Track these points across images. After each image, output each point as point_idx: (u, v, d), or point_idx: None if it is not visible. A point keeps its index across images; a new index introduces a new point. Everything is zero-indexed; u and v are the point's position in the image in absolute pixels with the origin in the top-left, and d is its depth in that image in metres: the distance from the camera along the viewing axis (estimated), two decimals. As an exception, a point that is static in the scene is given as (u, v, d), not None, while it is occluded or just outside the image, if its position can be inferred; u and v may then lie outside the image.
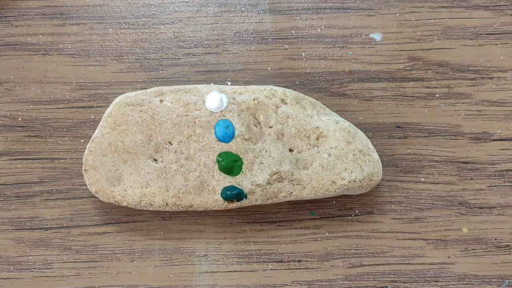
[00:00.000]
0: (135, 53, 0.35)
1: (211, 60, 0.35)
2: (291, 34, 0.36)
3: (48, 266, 0.33)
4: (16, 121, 0.34)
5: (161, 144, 0.31)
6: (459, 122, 0.35)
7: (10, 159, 0.34)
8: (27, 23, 0.35)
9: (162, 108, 0.31)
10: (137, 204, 0.31)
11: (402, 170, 0.34)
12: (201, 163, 0.31)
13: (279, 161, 0.31)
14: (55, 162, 0.34)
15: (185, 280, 0.33)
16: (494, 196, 0.34)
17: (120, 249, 0.33)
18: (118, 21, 0.36)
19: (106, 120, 0.31)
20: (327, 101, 0.35)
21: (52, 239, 0.33)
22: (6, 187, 0.34)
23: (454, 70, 0.35)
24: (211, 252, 0.33)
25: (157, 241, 0.33)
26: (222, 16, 0.36)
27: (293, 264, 0.33)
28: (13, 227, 0.33)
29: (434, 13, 0.36)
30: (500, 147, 0.34)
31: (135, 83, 0.35)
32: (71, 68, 0.35)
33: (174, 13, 0.36)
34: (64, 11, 0.36)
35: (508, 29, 0.36)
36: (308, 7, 0.36)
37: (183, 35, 0.36)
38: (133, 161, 0.31)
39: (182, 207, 0.31)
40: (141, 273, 0.33)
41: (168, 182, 0.31)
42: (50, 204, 0.34)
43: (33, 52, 0.35)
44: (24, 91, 0.35)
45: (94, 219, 0.34)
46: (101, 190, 0.31)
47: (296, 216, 0.34)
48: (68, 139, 0.34)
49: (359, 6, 0.36)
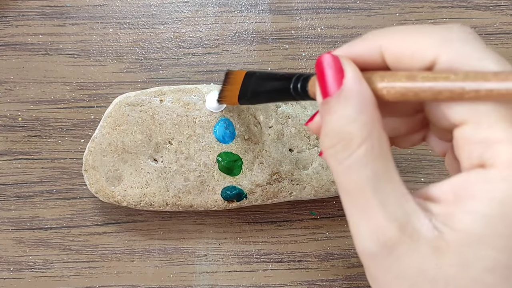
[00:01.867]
0: (135, 53, 0.35)
1: (211, 60, 0.35)
2: (291, 34, 0.36)
3: (48, 266, 0.33)
4: (16, 121, 0.34)
5: (161, 144, 0.31)
6: (459, 122, 0.35)
7: (10, 159, 0.34)
8: (27, 23, 0.35)
9: (162, 108, 0.31)
10: (137, 204, 0.31)
11: (402, 170, 0.34)
12: (201, 163, 0.31)
13: (279, 161, 0.31)
14: (55, 162, 0.34)
15: (185, 280, 0.33)
16: (494, 196, 0.34)
17: (120, 249, 0.33)
18: (118, 21, 0.36)
19: (106, 120, 0.31)
20: (327, 101, 0.35)
21: (52, 239, 0.33)
22: (6, 187, 0.34)
23: (454, 70, 0.35)
24: (211, 252, 0.33)
25: (157, 241, 0.33)
26: (222, 16, 0.36)
27: (293, 264, 0.33)
28: (13, 227, 0.33)
29: (434, 13, 0.36)
30: (500, 147, 0.34)
31: (135, 83, 0.35)
32: (71, 68, 0.35)
33: (174, 13, 0.36)
34: (64, 11, 0.36)
35: (508, 29, 0.36)
36: (308, 7, 0.36)
37: (183, 35, 0.36)
38: (133, 161, 0.31)
39: (182, 207, 0.31)
40: (141, 273, 0.33)
41: (168, 182, 0.31)
42: (50, 204, 0.34)
43: (33, 52, 0.35)
44: (24, 91, 0.35)
45: (94, 219, 0.34)
46: (101, 190, 0.31)
47: (296, 216, 0.34)
48: (68, 139, 0.34)
49: (359, 6, 0.36)
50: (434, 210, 0.17)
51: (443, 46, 0.17)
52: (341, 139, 0.17)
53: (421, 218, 0.17)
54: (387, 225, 0.17)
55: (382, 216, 0.17)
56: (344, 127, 0.17)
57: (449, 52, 0.17)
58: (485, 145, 0.16)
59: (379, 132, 0.17)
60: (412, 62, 0.17)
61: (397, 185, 0.17)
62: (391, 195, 0.17)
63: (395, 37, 0.18)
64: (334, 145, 0.18)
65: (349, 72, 0.18)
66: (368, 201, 0.17)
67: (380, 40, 0.18)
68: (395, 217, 0.17)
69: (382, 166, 0.17)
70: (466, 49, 0.17)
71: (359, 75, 0.18)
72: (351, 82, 0.18)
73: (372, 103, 0.18)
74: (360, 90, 0.18)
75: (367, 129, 0.17)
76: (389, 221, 0.17)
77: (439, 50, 0.17)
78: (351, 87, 0.18)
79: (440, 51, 0.17)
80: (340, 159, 0.17)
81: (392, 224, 0.17)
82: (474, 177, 0.16)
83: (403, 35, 0.18)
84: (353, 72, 0.18)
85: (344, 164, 0.17)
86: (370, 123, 0.17)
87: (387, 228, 0.17)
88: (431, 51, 0.17)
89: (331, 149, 0.18)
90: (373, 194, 0.17)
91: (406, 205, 0.17)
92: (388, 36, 0.18)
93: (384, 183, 0.17)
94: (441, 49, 0.17)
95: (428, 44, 0.17)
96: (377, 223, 0.17)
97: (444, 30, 0.17)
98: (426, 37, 0.17)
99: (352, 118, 0.17)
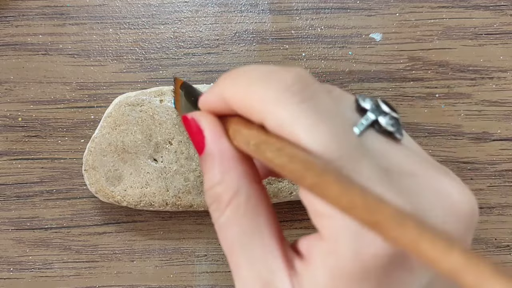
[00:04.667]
0: (135, 53, 0.35)
1: (211, 60, 0.35)
2: (291, 34, 0.36)
3: (48, 266, 0.33)
4: (16, 121, 0.34)
5: (161, 144, 0.31)
6: (459, 122, 0.35)
7: (10, 159, 0.34)
8: (27, 23, 0.35)
9: (162, 108, 0.31)
10: (137, 204, 0.31)
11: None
12: (201, 163, 0.31)
13: (279, 161, 0.31)
14: (55, 162, 0.34)
15: (185, 280, 0.33)
16: (494, 196, 0.34)
17: (120, 249, 0.33)
18: (118, 21, 0.36)
19: (106, 120, 0.31)
20: (327, 101, 0.35)
21: (52, 239, 0.33)
22: (6, 187, 0.34)
23: (454, 70, 0.35)
24: (211, 252, 0.33)
25: (157, 241, 0.33)
26: (222, 16, 0.36)
27: (293, 264, 0.33)
28: (13, 227, 0.33)
29: (434, 13, 0.36)
30: (500, 147, 0.34)
31: (135, 83, 0.35)
32: (71, 68, 0.35)
33: (174, 13, 0.36)
34: (64, 11, 0.36)
35: (508, 29, 0.36)
36: (308, 7, 0.36)
37: (183, 35, 0.36)
38: (133, 161, 0.31)
39: (182, 207, 0.31)
40: (141, 273, 0.33)
41: (168, 182, 0.31)
42: (50, 204, 0.34)
43: (33, 52, 0.35)
44: (24, 91, 0.35)
45: (94, 219, 0.34)
46: (101, 190, 0.31)
47: (296, 216, 0.34)
48: (68, 139, 0.34)
49: (359, 6, 0.36)
50: (297, 266, 0.17)
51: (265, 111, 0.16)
52: (213, 200, 0.18)
53: (283, 277, 0.17)
54: (252, 283, 0.17)
55: (248, 273, 0.17)
56: (213, 189, 0.18)
57: (271, 118, 0.16)
58: (318, 214, 0.16)
59: (246, 188, 0.18)
60: (251, 119, 0.17)
61: (266, 241, 0.17)
62: (258, 252, 0.17)
63: (234, 92, 0.17)
64: (210, 204, 0.18)
65: (207, 133, 0.18)
66: (238, 258, 0.17)
67: (225, 92, 0.18)
68: (260, 275, 0.17)
69: (250, 224, 0.17)
70: (282, 114, 0.16)
71: (217, 134, 0.18)
72: (209, 143, 0.18)
73: (234, 159, 0.18)
74: (220, 149, 0.18)
75: (232, 189, 0.17)
76: (253, 279, 0.17)
77: (263, 114, 0.16)
78: (211, 149, 0.18)
79: (264, 115, 0.16)
80: (215, 218, 0.18)
81: (256, 282, 0.17)
82: (315, 242, 0.17)
83: (240, 89, 0.17)
84: (210, 132, 0.18)
85: (218, 223, 0.18)
86: (235, 182, 0.17)
87: (252, 286, 0.17)
88: (258, 116, 0.17)
89: (210, 207, 0.18)
90: (241, 251, 0.17)
91: (272, 263, 0.17)
92: (229, 89, 0.18)
93: (253, 240, 0.17)
94: (265, 114, 0.16)
95: (256, 107, 0.17)
96: (244, 280, 0.17)
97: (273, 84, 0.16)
98: (256, 97, 0.17)
99: (217, 180, 0.18)
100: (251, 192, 0.18)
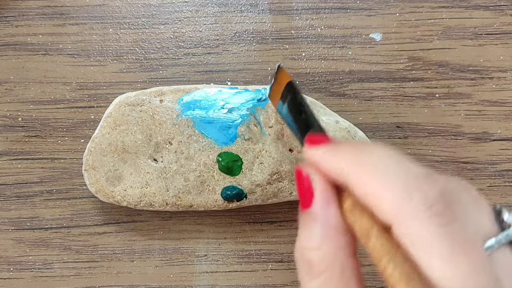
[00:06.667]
0: (135, 53, 0.35)
1: (211, 60, 0.35)
2: (291, 34, 0.36)
3: (48, 266, 0.33)
4: (16, 121, 0.34)
5: (161, 144, 0.31)
6: (459, 122, 0.35)
7: (10, 159, 0.34)
8: (27, 23, 0.35)
9: (162, 108, 0.31)
10: (137, 204, 0.31)
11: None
12: (201, 163, 0.31)
13: (279, 161, 0.31)
14: (55, 162, 0.34)
15: (185, 280, 0.33)
16: (494, 196, 0.34)
17: (120, 249, 0.33)
18: (118, 21, 0.36)
19: (106, 120, 0.31)
20: (327, 101, 0.35)
21: (52, 239, 0.33)
22: (6, 187, 0.34)
23: (454, 70, 0.35)
24: (211, 252, 0.33)
25: (157, 241, 0.33)
26: (222, 16, 0.36)
27: (293, 264, 0.33)
28: (13, 227, 0.33)
29: (434, 13, 0.36)
30: (500, 147, 0.34)
31: (135, 83, 0.35)
32: (71, 68, 0.35)
33: (174, 13, 0.36)
34: (64, 11, 0.36)
35: (508, 29, 0.36)
36: (308, 7, 0.36)
37: (183, 35, 0.36)
38: (133, 161, 0.31)
39: (182, 207, 0.31)
40: (141, 273, 0.33)
41: (168, 182, 0.31)
42: (50, 204, 0.34)
43: (33, 52, 0.35)
44: (24, 91, 0.35)
45: (94, 219, 0.34)
46: (101, 190, 0.31)
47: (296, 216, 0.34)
48: (68, 139, 0.34)
49: (359, 6, 0.36)
50: None
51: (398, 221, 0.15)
52: (305, 262, 0.17)
53: None
54: None
55: None
56: (308, 252, 0.17)
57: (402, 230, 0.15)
58: None
59: (341, 261, 0.17)
60: (375, 212, 0.16)
61: None
62: None
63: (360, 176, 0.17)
64: (299, 261, 0.18)
65: (318, 195, 0.18)
66: None
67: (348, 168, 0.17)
68: None
69: None
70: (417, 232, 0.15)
71: (328, 200, 0.17)
72: (317, 206, 0.17)
73: (337, 230, 0.17)
74: (326, 216, 0.17)
75: (328, 260, 0.17)
76: None
77: (394, 221, 0.16)
78: (317, 212, 0.17)
79: (394, 222, 0.16)
80: (304, 279, 0.18)
81: None
82: None
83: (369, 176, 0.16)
84: (321, 195, 0.17)
85: (305, 285, 0.17)
86: (332, 254, 0.17)
87: None
88: (386, 217, 0.16)
89: (298, 263, 0.18)
90: None
91: None
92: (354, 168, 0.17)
93: None
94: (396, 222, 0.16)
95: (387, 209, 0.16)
96: None
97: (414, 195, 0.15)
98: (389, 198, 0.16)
99: (315, 245, 0.17)
100: (345, 266, 0.17)
